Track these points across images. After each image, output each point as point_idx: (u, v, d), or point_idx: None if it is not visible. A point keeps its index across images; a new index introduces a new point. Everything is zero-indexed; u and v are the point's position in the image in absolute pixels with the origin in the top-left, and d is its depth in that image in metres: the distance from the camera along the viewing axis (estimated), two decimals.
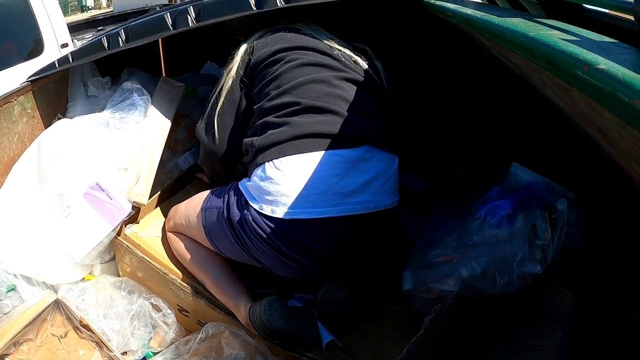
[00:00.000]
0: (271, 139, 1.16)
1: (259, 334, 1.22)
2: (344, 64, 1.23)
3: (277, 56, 1.23)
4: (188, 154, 1.68)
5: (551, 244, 1.07)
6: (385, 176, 1.19)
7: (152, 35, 1.40)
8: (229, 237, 1.23)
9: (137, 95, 1.52)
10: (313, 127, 1.14)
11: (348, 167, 1.14)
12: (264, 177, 1.15)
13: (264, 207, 1.14)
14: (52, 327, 1.32)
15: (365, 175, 1.16)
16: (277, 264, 1.21)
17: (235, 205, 1.21)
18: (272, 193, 1.13)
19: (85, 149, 1.45)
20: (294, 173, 1.13)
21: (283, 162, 1.13)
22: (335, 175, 1.13)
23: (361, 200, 1.15)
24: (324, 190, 1.12)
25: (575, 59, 0.51)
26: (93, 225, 1.39)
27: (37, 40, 2.95)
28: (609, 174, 1.01)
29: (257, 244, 1.18)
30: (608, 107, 0.47)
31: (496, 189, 1.18)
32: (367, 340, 1.24)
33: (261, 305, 1.20)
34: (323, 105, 1.16)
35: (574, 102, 0.65)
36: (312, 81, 1.18)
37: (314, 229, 1.14)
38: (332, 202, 1.13)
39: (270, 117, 1.19)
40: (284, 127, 1.16)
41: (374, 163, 1.18)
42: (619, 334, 1.04)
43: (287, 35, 1.27)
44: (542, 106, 1.07)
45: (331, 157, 1.14)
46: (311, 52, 1.23)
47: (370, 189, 1.16)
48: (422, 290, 1.15)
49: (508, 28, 0.67)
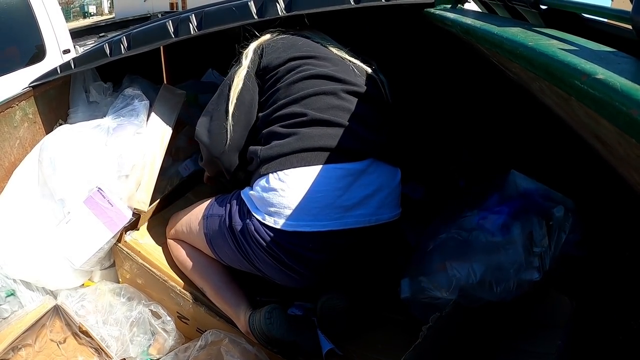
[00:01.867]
0: (276, 150, 1.16)
1: (258, 342, 1.22)
2: (353, 76, 1.23)
3: (288, 65, 1.22)
4: (189, 161, 1.69)
5: (548, 251, 1.07)
6: (387, 189, 1.19)
7: (154, 43, 1.41)
8: (230, 245, 1.23)
9: (138, 102, 1.53)
10: (319, 140, 1.14)
11: (351, 180, 1.15)
12: (268, 189, 1.15)
13: (266, 218, 1.14)
14: (51, 333, 1.31)
15: (368, 188, 1.16)
16: (277, 274, 1.21)
17: (238, 214, 1.21)
18: (275, 205, 1.13)
19: (87, 155, 1.45)
20: (297, 186, 1.13)
21: (287, 174, 1.13)
22: (338, 189, 1.13)
23: (363, 214, 1.15)
24: (326, 204, 1.12)
25: (573, 69, 0.51)
26: (93, 232, 1.39)
27: (39, 45, 2.97)
28: (608, 181, 1.02)
29: (258, 253, 1.18)
30: (606, 117, 0.47)
31: (494, 197, 1.19)
32: (366, 349, 1.24)
33: (261, 313, 1.19)
34: (330, 118, 1.16)
35: (573, 110, 0.66)
36: (321, 93, 1.18)
37: (316, 241, 1.14)
38: (334, 215, 1.13)
39: (277, 127, 1.18)
40: (290, 139, 1.16)
41: (377, 177, 1.18)
42: (620, 341, 1.04)
43: (299, 42, 1.26)
44: (541, 114, 1.08)
45: (335, 171, 1.14)
46: (322, 63, 1.22)
47: (372, 202, 1.16)
48: (420, 298, 1.15)
49: (507, 38, 0.68)
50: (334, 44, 1.29)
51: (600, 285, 1.15)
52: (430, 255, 1.17)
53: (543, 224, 1.07)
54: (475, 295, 1.07)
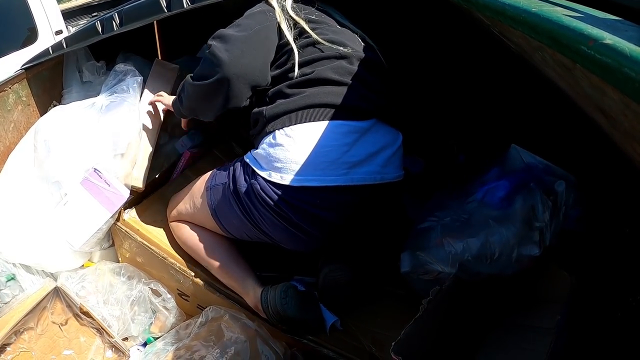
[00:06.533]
0: (282, 108, 1.15)
1: (268, 319, 1.22)
2: (357, 44, 1.23)
3: (299, 29, 1.20)
4: (185, 137, 1.66)
5: (549, 226, 1.07)
6: (391, 149, 1.19)
7: (147, 18, 1.37)
8: (236, 212, 1.22)
9: (130, 77, 1.50)
10: (325, 97, 1.14)
11: (357, 137, 1.14)
12: (274, 144, 1.14)
13: (272, 175, 1.13)
14: (52, 315, 1.32)
15: (374, 146, 1.16)
16: (285, 236, 1.20)
17: (242, 176, 1.19)
18: (281, 160, 1.12)
19: (81, 136, 1.43)
20: (304, 140, 1.12)
21: (294, 129, 1.13)
22: (345, 145, 1.13)
23: (369, 171, 1.15)
24: (333, 159, 1.12)
25: (579, 34, 0.50)
26: (91, 213, 1.39)
27: (31, 28, 2.92)
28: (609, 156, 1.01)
29: (265, 215, 1.16)
30: (613, 84, 0.45)
31: (495, 171, 1.18)
32: (367, 322, 1.25)
33: (275, 292, 1.20)
34: (337, 78, 1.15)
35: (577, 81, 0.64)
36: (329, 57, 1.17)
37: (323, 197, 1.13)
38: (340, 171, 1.12)
39: (283, 86, 1.17)
40: (296, 97, 1.15)
41: (381, 136, 1.18)
42: (618, 317, 1.05)
43: (305, 9, 1.24)
44: (542, 88, 1.06)
45: (341, 127, 1.13)
46: (330, 29, 1.22)
47: (377, 160, 1.16)
48: (420, 272, 1.15)
49: (510, 4, 0.65)
50: (335, 11, 1.28)
51: (599, 262, 1.15)
52: (431, 229, 1.16)
53: (545, 198, 1.06)
54: (476, 269, 1.07)
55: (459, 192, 1.20)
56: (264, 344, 1.20)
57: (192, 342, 1.25)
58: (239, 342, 1.19)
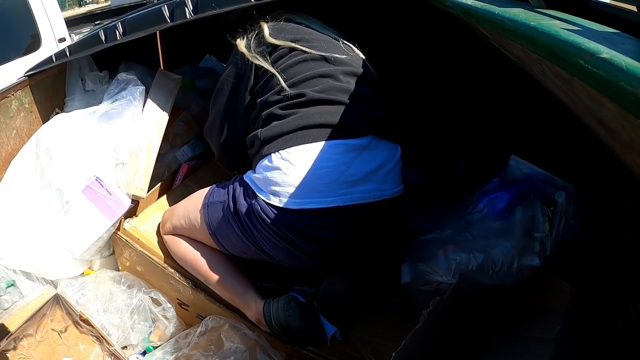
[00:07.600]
0: (277, 130, 1.15)
1: (271, 332, 1.22)
2: (345, 56, 1.22)
3: (280, 51, 1.21)
4: (186, 147, 1.67)
5: (549, 237, 1.07)
6: (389, 165, 1.19)
7: (150, 28, 1.38)
8: (235, 231, 1.21)
9: (132, 87, 1.50)
10: (319, 117, 1.13)
11: (355, 155, 1.14)
12: (271, 168, 1.13)
13: (271, 198, 1.12)
14: (52, 322, 1.32)
15: (371, 164, 1.15)
16: (286, 255, 1.19)
17: (243, 196, 1.19)
18: (279, 183, 1.12)
19: (83, 144, 1.44)
20: (301, 163, 1.11)
21: (290, 152, 1.12)
22: (343, 164, 1.12)
23: (368, 189, 1.14)
24: (332, 180, 1.11)
25: (577, 48, 0.50)
26: (92, 221, 1.39)
27: (35, 35, 2.93)
28: (608, 166, 1.01)
29: (265, 235, 1.16)
30: (610, 97, 0.46)
31: (495, 181, 1.18)
32: (367, 333, 1.24)
33: (278, 304, 1.19)
34: (329, 97, 1.15)
35: (575, 93, 0.65)
36: (318, 75, 1.17)
37: (323, 218, 1.13)
38: (339, 191, 1.12)
39: (275, 108, 1.17)
40: (290, 118, 1.15)
41: (379, 152, 1.17)
42: (619, 327, 1.04)
43: (287, 26, 1.24)
44: (542, 98, 1.06)
45: (338, 146, 1.13)
46: (314, 45, 1.21)
47: (376, 177, 1.16)
48: (421, 282, 1.15)
49: (509, 18, 0.66)
50: (318, 23, 1.28)
51: (600, 271, 1.14)
52: (432, 239, 1.16)
53: (545, 209, 1.07)
54: (476, 279, 1.07)
55: (459, 203, 1.20)
56: (264, 353, 1.19)
57: (191, 352, 1.24)
58: (239, 352, 1.19)
